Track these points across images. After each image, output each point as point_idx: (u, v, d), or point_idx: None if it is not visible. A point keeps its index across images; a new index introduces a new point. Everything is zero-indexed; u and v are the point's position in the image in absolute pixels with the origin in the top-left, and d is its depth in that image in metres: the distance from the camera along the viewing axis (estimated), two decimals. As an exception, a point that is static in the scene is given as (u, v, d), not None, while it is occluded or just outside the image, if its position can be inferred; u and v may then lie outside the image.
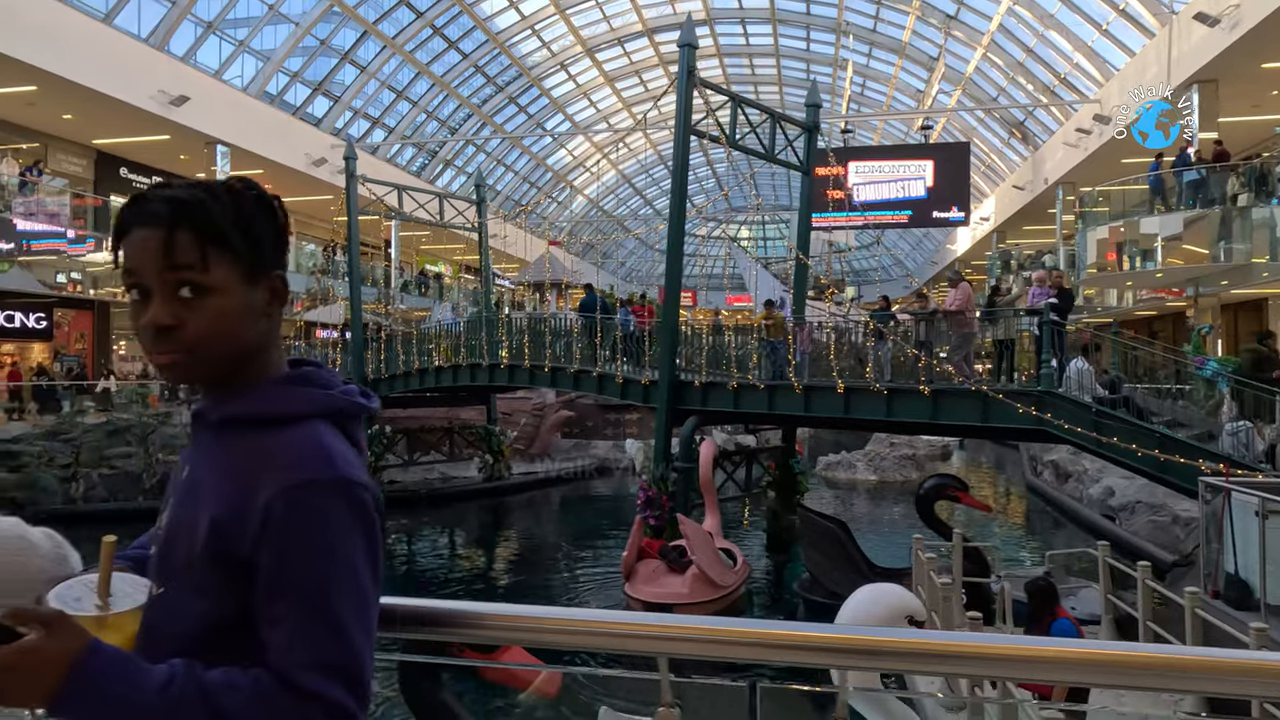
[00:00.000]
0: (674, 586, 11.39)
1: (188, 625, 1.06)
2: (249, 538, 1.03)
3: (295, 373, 1.18)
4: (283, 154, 28.58)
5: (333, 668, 0.98)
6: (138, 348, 28.87)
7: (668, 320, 13.33)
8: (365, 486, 1.09)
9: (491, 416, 22.88)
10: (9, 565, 1.31)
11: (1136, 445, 8.87)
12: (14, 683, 0.86)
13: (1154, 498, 15.77)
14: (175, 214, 1.06)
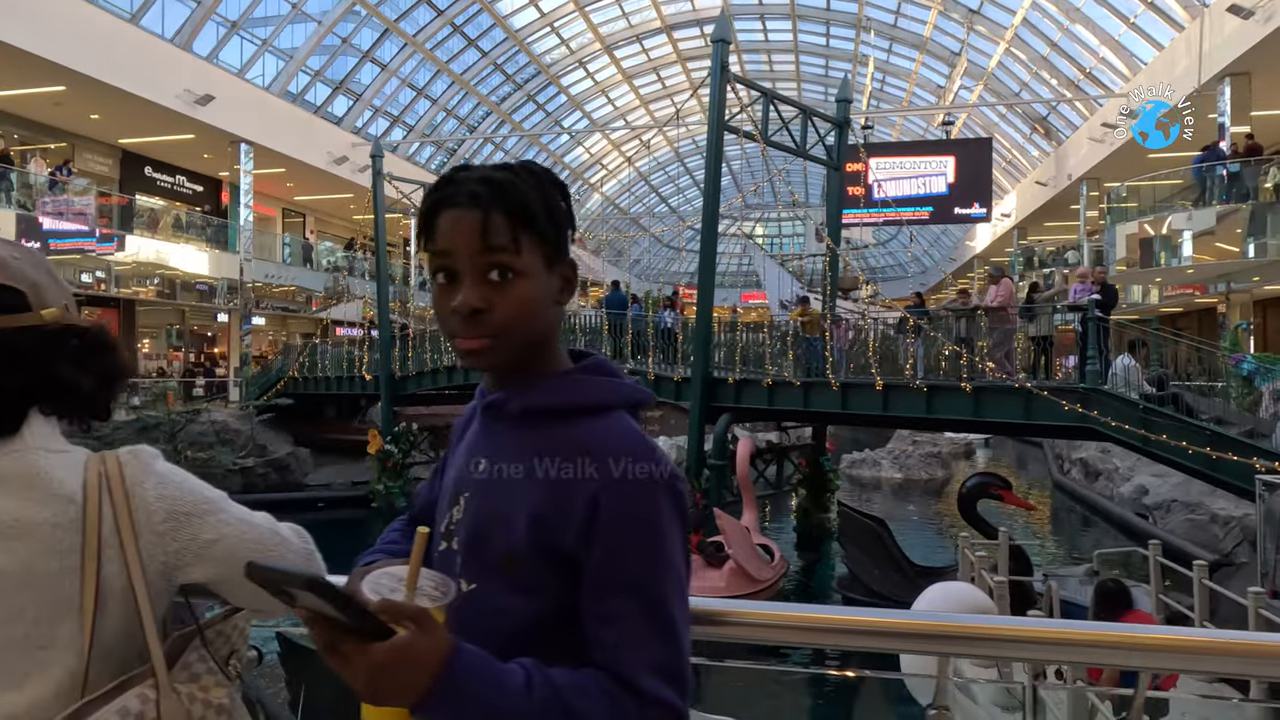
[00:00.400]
0: (711, 580, 11.55)
1: (504, 622, 1.03)
2: (574, 532, 1.00)
3: (590, 362, 1.15)
4: (305, 152, 28.70)
5: (668, 670, 0.95)
6: (161, 345, 29.16)
7: (701, 317, 13.27)
8: (682, 480, 1.06)
9: (514, 414, 22.87)
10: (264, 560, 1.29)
11: (1187, 443, 8.76)
12: (389, 682, 0.83)
13: (1189, 496, 15.60)
14: (492, 196, 1.04)
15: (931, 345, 11.81)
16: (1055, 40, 29.69)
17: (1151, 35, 25.46)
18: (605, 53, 38.54)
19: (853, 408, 11.72)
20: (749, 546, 11.81)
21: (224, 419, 21.13)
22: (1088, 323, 9.83)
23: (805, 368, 12.33)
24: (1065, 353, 20.29)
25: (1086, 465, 21.01)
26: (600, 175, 52.53)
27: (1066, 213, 36.08)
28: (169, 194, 28.12)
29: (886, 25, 35.59)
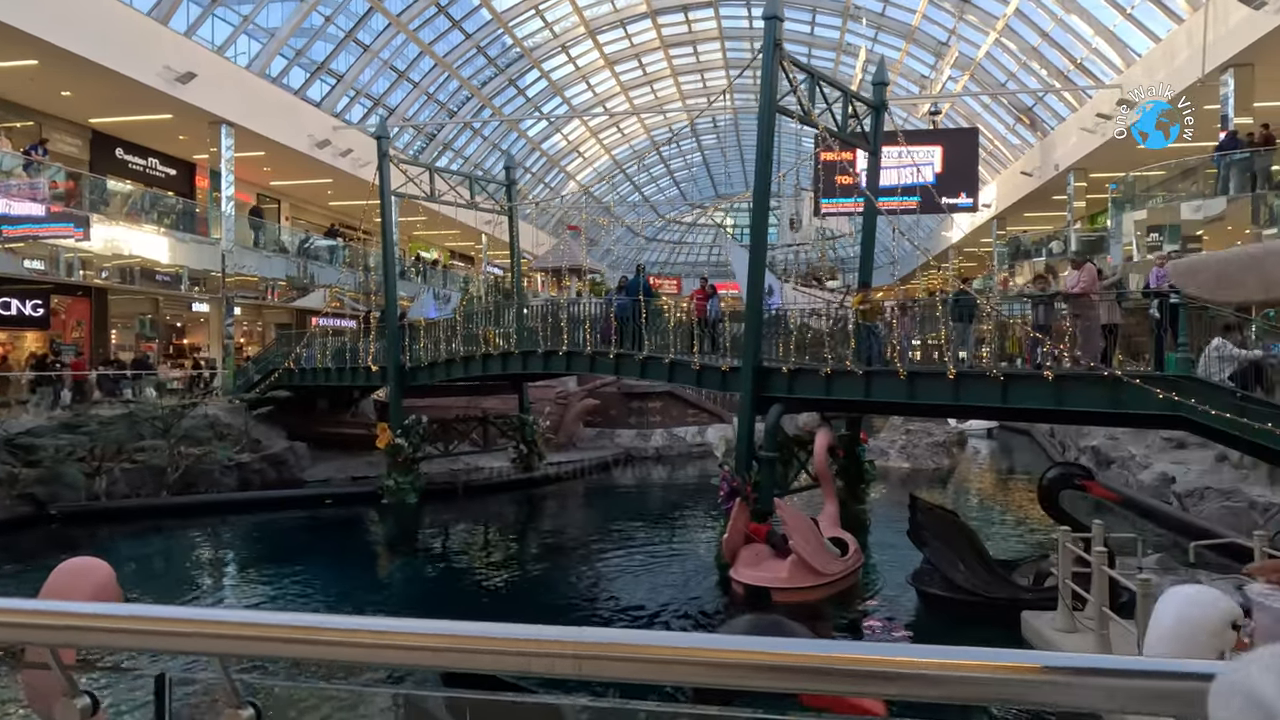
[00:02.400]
0: (774, 570, 11.39)
1: None
2: None
3: None
4: (287, 135, 27.49)
5: None
6: (131, 336, 27.73)
7: (751, 305, 12.86)
8: None
9: (524, 405, 22.22)
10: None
11: (1293, 430, 8.64)
12: None
13: (1222, 483, 15.68)
14: None
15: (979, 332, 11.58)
16: (1047, 31, 29.84)
17: (1148, 27, 25.67)
18: (589, 36, 37.80)
19: (920, 398, 11.43)
20: (814, 539, 11.54)
21: (215, 413, 20.11)
22: (1175, 309, 9.68)
23: (865, 356, 12.02)
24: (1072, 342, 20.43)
25: (1098, 453, 21.11)
26: (576, 163, 51.73)
27: (1049, 203, 36.51)
28: (140, 177, 26.69)
29: (874, 14, 35.49)
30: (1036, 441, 30.83)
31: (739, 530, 11.76)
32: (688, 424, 27.48)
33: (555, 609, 11.75)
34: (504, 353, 17.44)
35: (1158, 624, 4.63)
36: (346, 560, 14.80)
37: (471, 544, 16.68)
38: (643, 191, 62.34)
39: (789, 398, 12.71)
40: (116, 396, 20.14)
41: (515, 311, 18.05)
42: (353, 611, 11.47)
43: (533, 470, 21.99)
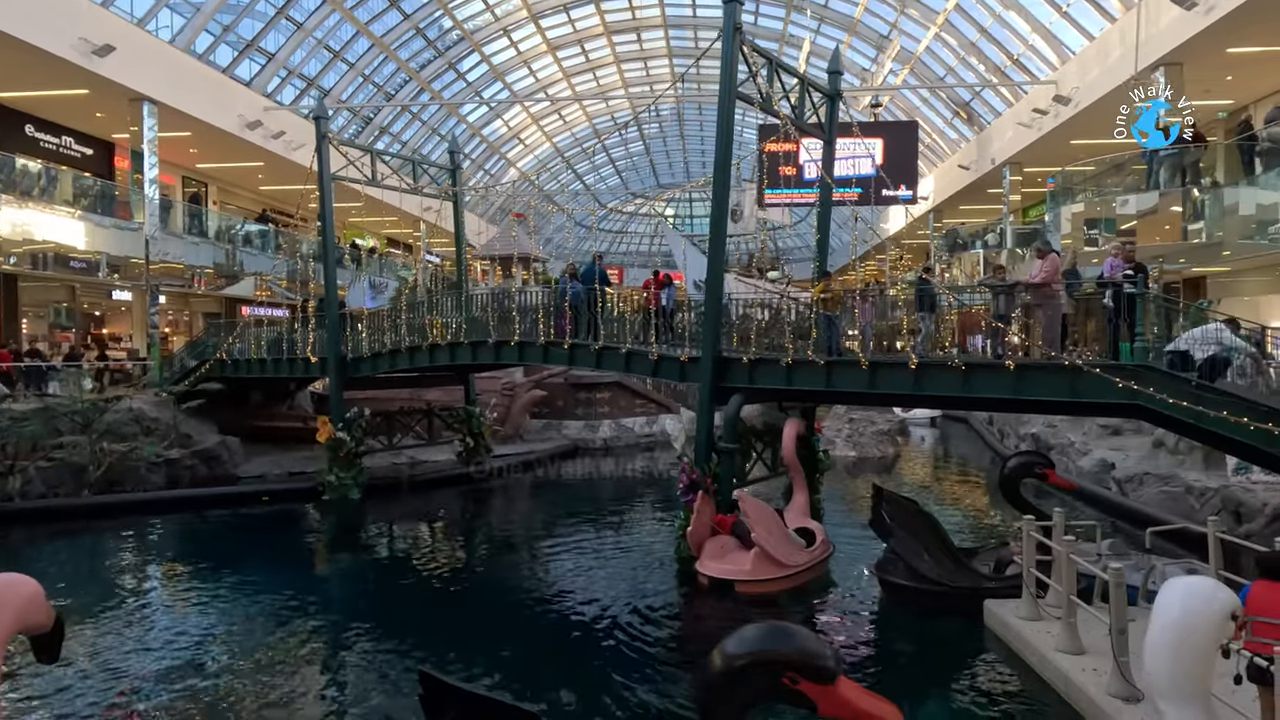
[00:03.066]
0: (738, 563, 11.34)
1: None
2: None
3: None
4: (215, 115, 26.16)
5: None
6: (44, 326, 26.06)
7: (711, 294, 12.65)
8: None
9: (470, 397, 21.64)
10: None
11: (1248, 419, 8.81)
12: None
13: (1160, 468, 16.18)
14: None
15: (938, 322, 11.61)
16: (986, 26, 30.40)
17: (1083, 25, 26.34)
18: (531, 21, 37.05)
19: (882, 387, 11.39)
20: (778, 530, 11.52)
21: (140, 406, 19.01)
22: (1132, 299, 9.80)
23: (824, 346, 11.94)
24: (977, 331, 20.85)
25: (1038, 440, 21.66)
26: (518, 150, 50.87)
27: (985, 196, 37.37)
28: (53, 156, 25.06)
29: (818, 6, 35.65)
30: (974, 430, 31.60)
31: (704, 522, 11.65)
32: (636, 415, 27.26)
33: (506, 607, 11.38)
34: (452, 343, 16.87)
35: (1162, 615, 4.57)
36: (284, 560, 14.12)
37: (417, 540, 16.12)
38: (584, 180, 61.78)
39: (749, 388, 12.55)
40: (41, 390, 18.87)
41: (462, 300, 17.47)
42: (290, 614, 10.88)
43: (479, 463, 21.46)
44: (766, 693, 3.66)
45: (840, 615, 10.96)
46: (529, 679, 8.61)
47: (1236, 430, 8.97)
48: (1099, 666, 7.61)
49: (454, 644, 9.62)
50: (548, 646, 9.69)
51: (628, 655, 9.33)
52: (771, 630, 3.82)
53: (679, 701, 8.11)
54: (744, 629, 3.87)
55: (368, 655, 9.40)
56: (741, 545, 11.49)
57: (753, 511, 11.39)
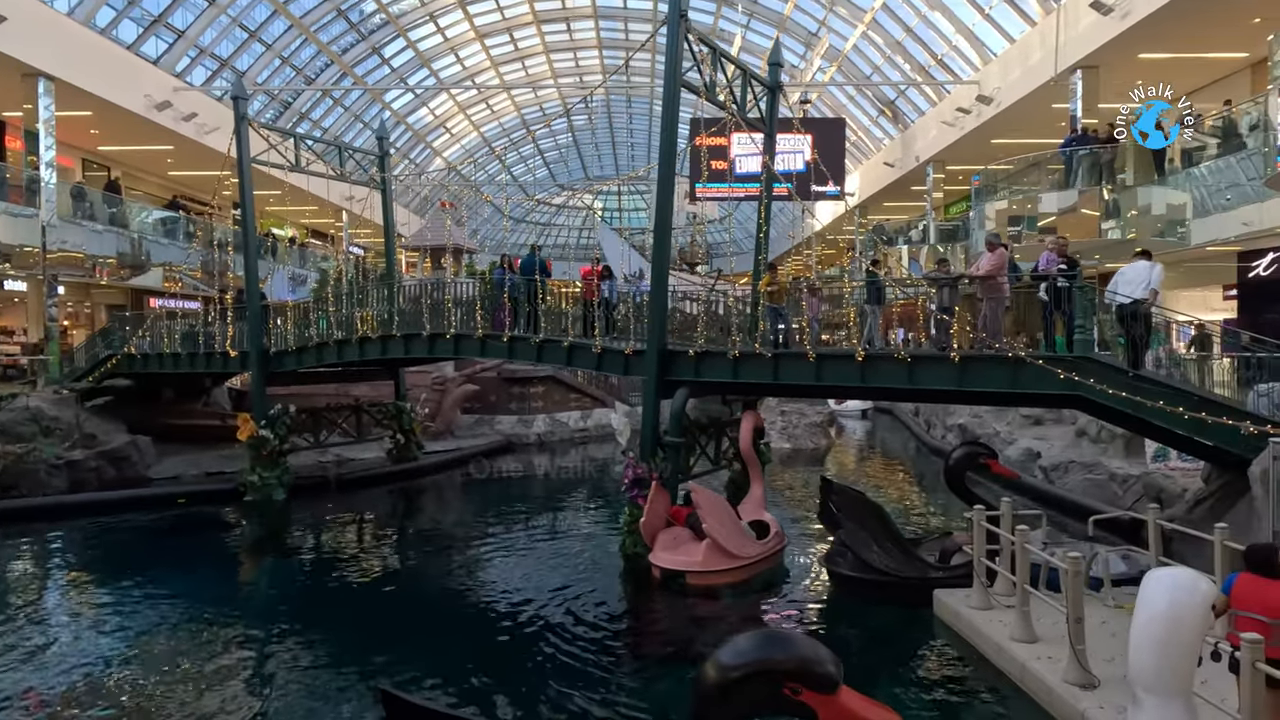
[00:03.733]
0: (690, 554, 11.29)
1: None
2: None
3: None
4: (119, 94, 24.54)
5: None
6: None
7: (656, 286, 12.43)
8: None
9: (400, 392, 20.90)
10: None
11: (1183, 409, 9.09)
12: None
13: (1083, 456, 16.76)
14: None
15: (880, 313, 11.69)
16: (912, 26, 31.05)
17: (1004, 27, 27.13)
18: (459, 6, 36.11)
19: (828, 379, 11.40)
20: (730, 522, 11.50)
21: (38, 404, 17.69)
22: (1071, 292, 10.02)
23: (771, 339, 11.88)
24: (899, 325, 21.35)
25: (964, 430, 22.22)
26: (444, 139, 49.66)
27: (908, 193, 38.31)
28: (-66, 135, 23.15)
29: (748, 1, 35.82)
30: (900, 420, 32.37)
31: (657, 514, 11.55)
32: (571, 409, 26.90)
33: (443, 610, 10.92)
34: (383, 336, 16.19)
35: (1148, 607, 4.55)
36: (203, 566, 13.26)
37: (346, 542, 15.41)
38: (511, 172, 60.82)
39: (695, 381, 12.39)
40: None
41: (393, 291, 16.79)
42: (210, 624, 10.20)
43: (410, 460, 20.77)
44: (765, 705, 3.45)
45: (789, 607, 10.91)
46: (470, 686, 8.23)
47: (1171, 419, 9.24)
48: (1054, 654, 7.71)
49: (388, 651, 9.13)
50: (489, 651, 9.29)
51: (575, 657, 9.03)
52: (768, 638, 3.61)
53: (629, 704, 7.88)
54: (738, 638, 3.64)
55: (296, 666, 8.83)
56: (695, 537, 11.38)
57: (704, 503, 11.34)
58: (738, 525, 11.74)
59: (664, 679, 8.53)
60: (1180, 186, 21.04)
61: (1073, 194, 21.44)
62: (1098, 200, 21.56)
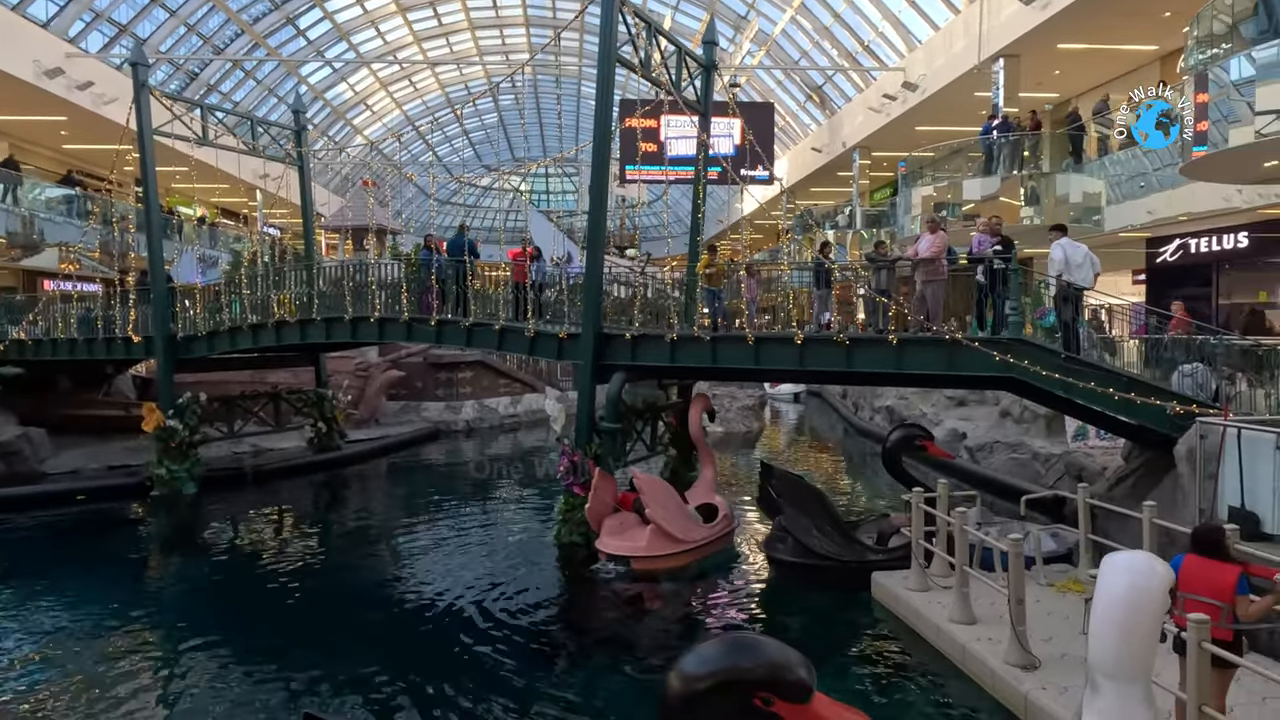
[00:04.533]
0: (635, 539, 11.21)
1: None
2: None
3: None
4: (3, 59, 22.64)
5: None
6: None
7: (591, 269, 12.07)
8: None
9: (321, 378, 20.00)
10: None
11: (1113, 389, 9.27)
12: None
13: (1008, 436, 17.19)
14: None
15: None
16: (839, 11, 31.24)
17: (929, 15, 27.52)
18: (380, -23, 34.73)
19: (767, 363, 11.27)
20: (673, 506, 11.44)
21: (-86, 397, 16.28)
22: (1006, 274, 10.10)
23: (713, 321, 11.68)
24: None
25: (892, 412, 22.60)
26: (364, 116, 47.92)
27: (835, 179, 38.77)
28: None
29: (677, -17, 35.50)
30: (829, 403, 32.86)
31: (602, 499, 11.43)
32: (500, 395, 26.33)
33: (369, 608, 10.36)
34: (303, 320, 15.38)
35: (1108, 591, 4.48)
36: (106, 567, 12.32)
37: (264, 537, 14.64)
38: (436, 152, 59.27)
39: (632, 365, 12.12)
40: None
41: (312, 274, 15.96)
42: (114, 630, 9.47)
43: (333, 449, 19.94)
44: (733, 717, 3.19)
45: (727, 594, 10.80)
46: (399, 689, 7.80)
47: (1101, 400, 9.41)
48: (994, 635, 7.75)
49: (311, 655, 8.60)
50: (418, 651, 8.84)
51: (508, 654, 8.69)
52: (735, 644, 3.33)
53: (565, 700, 7.61)
54: (703, 645, 3.36)
55: (211, 675, 8.21)
56: (641, 522, 11.23)
57: (647, 488, 11.26)
58: (682, 509, 11.66)
59: (601, 673, 8.27)
60: (1096, 174, 21.75)
61: (995, 181, 21.92)
62: (1018, 187, 22.11)
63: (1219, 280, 20.21)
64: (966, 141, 24.00)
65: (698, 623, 9.83)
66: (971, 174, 22.59)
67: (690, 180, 36.83)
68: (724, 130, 34.82)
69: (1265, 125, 12.35)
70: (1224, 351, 10.16)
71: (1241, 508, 7.94)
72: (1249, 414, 9.21)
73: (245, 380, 20.88)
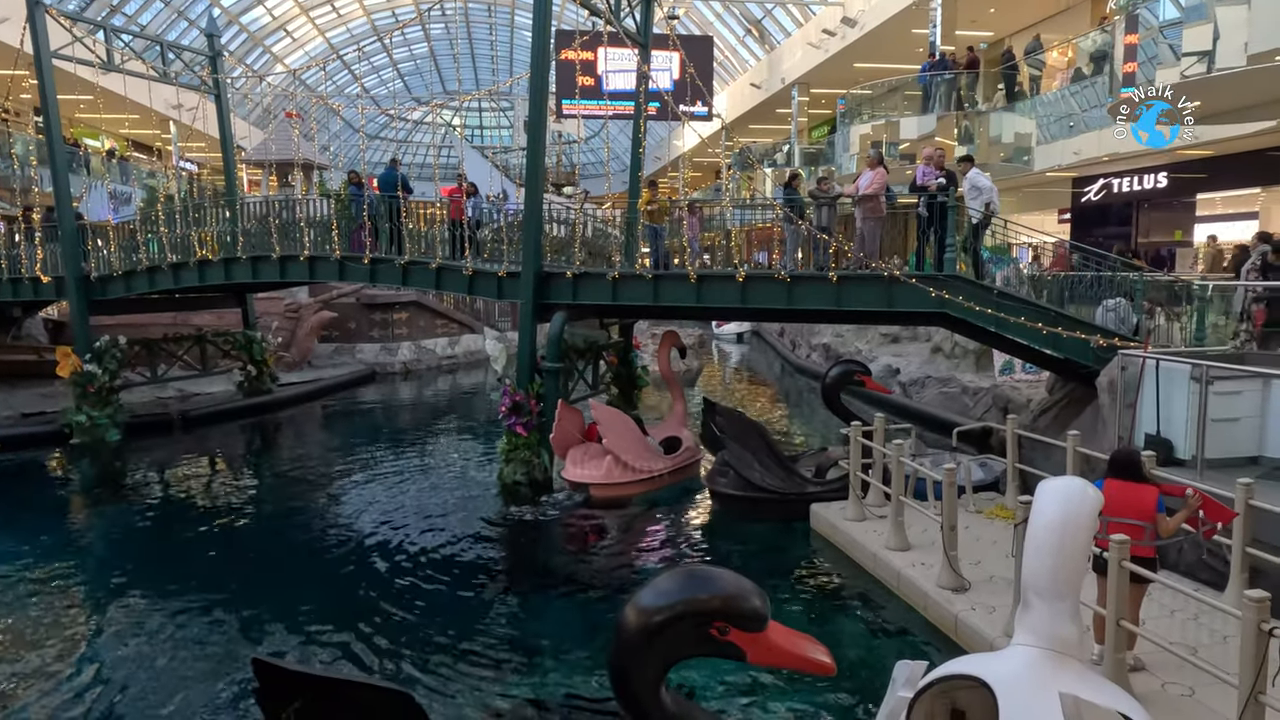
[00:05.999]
0: (595, 468, 11.64)
1: None
2: None
3: None
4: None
5: None
6: None
7: (530, 206, 11.80)
8: None
9: (249, 320, 19.30)
10: None
11: (1042, 324, 9.58)
12: None
13: (939, 371, 17.72)
14: None
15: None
16: (780, -59, 30.66)
17: (870, -53, 27.16)
18: (296, -109, 32.53)
19: (709, 301, 11.28)
20: (630, 437, 11.74)
21: None
22: (944, 209, 10.24)
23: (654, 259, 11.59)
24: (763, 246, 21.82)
25: (829, 349, 23.03)
26: (284, 43, 45.43)
27: (774, 115, 38.55)
28: None
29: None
30: (767, 341, 33.32)
31: (566, 430, 11.83)
32: (437, 336, 25.88)
33: (309, 554, 10.18)
34: (227, 259, 14.72)
35: (1043, 514, 4.66)
36: (27, 518, 11.81)
37: (195, 484, 14.19)
38: (363, 83, 56.78)
39: (573, 304, 11.99)
40: None
41: (235, 211, 15.24)
42: (37, 587, 9.15)
43: (264, 393, 19.40)
44: (691, 648, 3.25)
45: (671, 526, 10.99)
46: (345, 635, 7.75)
47: (1030, 335, 9.72)
48: (927, 561, 8.08)
49: (252, 599, 8.48)
50: (362, 596, 8.74)
51: (453, 595, 8.72)
52: (692, 576, 3.39)
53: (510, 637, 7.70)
54: (659, 579, 3.40)
55: (147, 623, 8.00)
56: (604, 452, 11.67)
57: (604, 418, 11.60)
58: (641, 440, 12.05)
59: (546, 607, 8.37)
60: (1027, 114, 22.10)
61: (931, 119, 22.11)
62: (953, 127, 22.35)
63: (1139, 219, 20.95)
64: (905, 79, 24.07)
65: (641, 557, 9.99)
66: (909, 112, 22.70)
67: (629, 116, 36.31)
68: (663, 64, 34.13)
69: (1188, 67, 12.68)
70: (1144, 287, 10.55)
71: (1157, 435, 8.37)
72: (1166, 346, 9.65)
73: (167, 322, 20.04)
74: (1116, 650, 5.35)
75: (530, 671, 6.96)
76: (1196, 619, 6.69)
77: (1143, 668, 5.78)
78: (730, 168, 39.40)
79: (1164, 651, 5.49)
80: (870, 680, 6.37)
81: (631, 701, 3.33)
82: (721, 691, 6.44)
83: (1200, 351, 9.03)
